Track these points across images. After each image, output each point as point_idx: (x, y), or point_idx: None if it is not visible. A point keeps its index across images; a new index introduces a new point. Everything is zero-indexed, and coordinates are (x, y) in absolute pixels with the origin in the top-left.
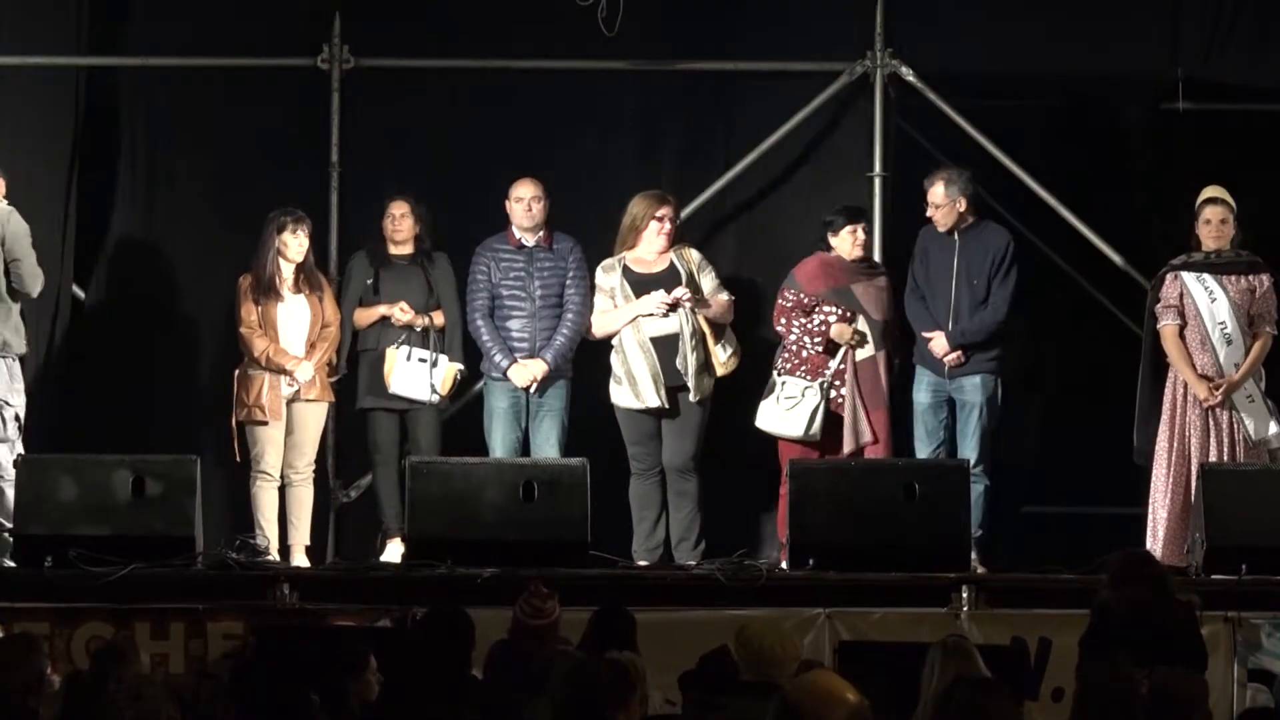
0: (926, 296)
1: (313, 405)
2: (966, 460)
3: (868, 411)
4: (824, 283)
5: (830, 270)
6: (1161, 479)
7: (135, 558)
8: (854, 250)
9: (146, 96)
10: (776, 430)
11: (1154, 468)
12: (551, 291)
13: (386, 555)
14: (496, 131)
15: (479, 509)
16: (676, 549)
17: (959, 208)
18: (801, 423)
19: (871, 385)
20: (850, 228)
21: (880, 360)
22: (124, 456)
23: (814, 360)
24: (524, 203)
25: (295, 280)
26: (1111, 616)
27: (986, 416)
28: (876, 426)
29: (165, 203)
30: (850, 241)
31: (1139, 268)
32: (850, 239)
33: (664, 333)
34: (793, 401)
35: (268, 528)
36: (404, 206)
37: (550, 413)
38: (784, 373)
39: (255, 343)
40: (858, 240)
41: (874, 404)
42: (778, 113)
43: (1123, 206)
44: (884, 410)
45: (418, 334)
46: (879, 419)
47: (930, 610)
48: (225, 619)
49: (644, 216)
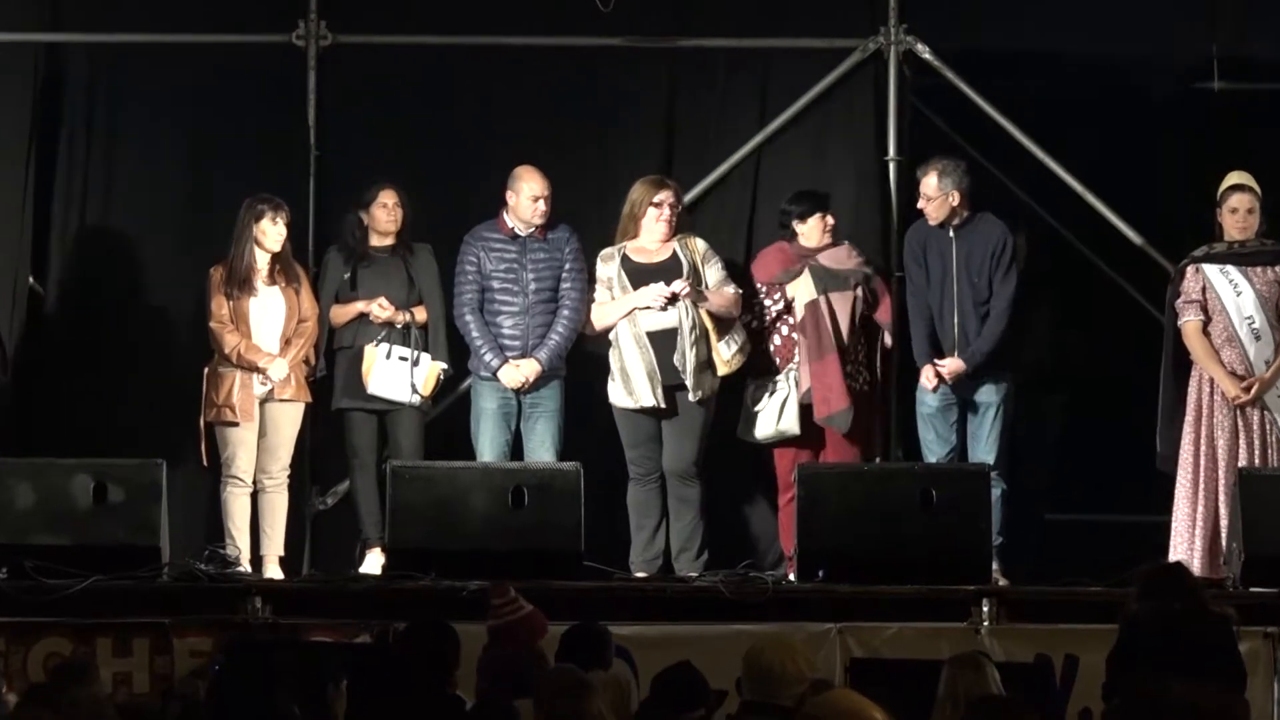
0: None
1: (287, 406)
2: (986, 464)
3: (811, 364)
4: (779, 266)
5: (786, 256)
6: (1188, 484)
7: (96, 569)
8: (822, 239)
9: (110, 75)
10: (755, 435)
11: (1179, 472)
12: (546, 285)
13: (366, 566)
14: (485, 114)
15: (465, 517)
16: (677, 560)
17: (952, 201)
18: (771, 419)
19: (815, 335)
20: (819, 215)
21: (829, 303)
22: (85, 460)
23: (780, 351)
24: (537, 200)
25: (271, 272)
26: (1141, 632)
27: (1003, 416)
28: (827, 378)
29: (130, 189)
30: (819, 229)
31: (1171, 258)
32: (819, 226)
33: (662, 327)
34: (768, 398)
35: (239, 537)
36: (394, 195)
37: (543, 414)
38: (758, 373)
39: (226, 338)
40: (827, 227)
41: (818, 353)
42: (784, 93)
43: (1152, 193)
44: (834, 356)
45: (398, 331)
46: (830, 371)
47: (948, 625)
48: (193, 635)
49: (642, 203)
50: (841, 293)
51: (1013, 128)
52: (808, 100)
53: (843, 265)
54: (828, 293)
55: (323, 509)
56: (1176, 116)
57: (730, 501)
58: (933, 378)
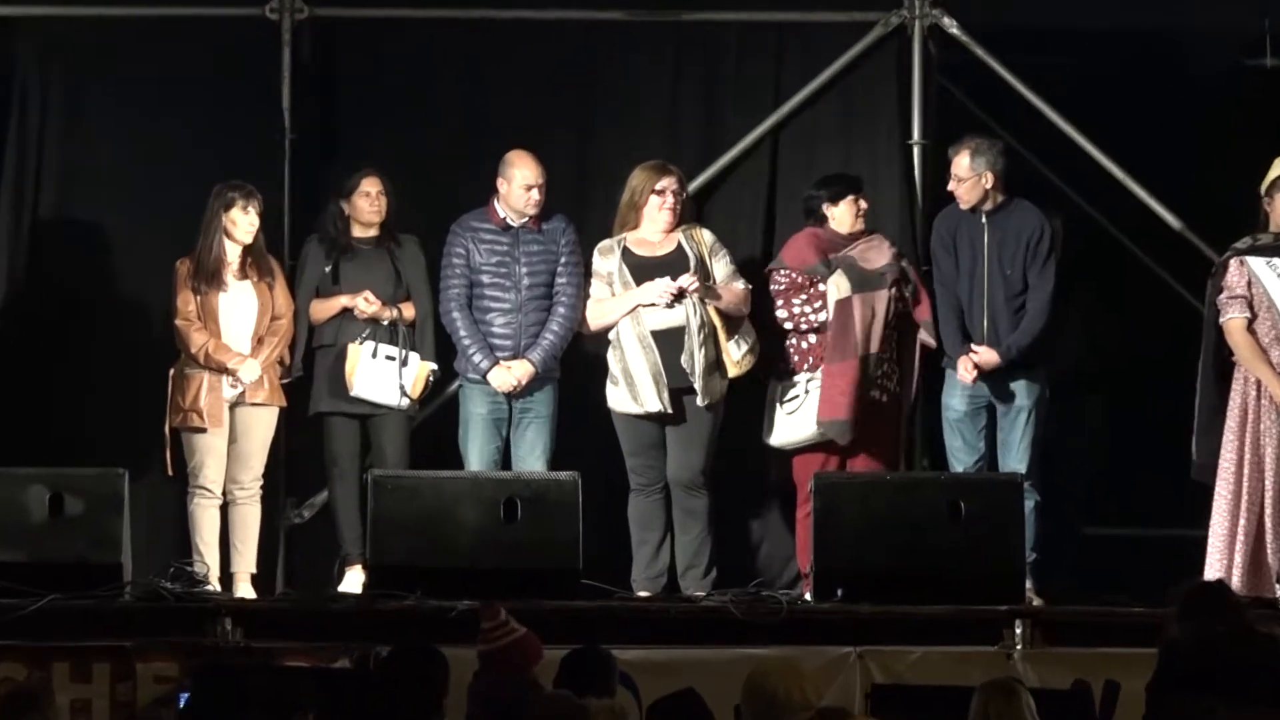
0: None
1: (260, 410)
2: (1018, 473)
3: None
4: (816, 256)
5: (821, 244)
6: (1228, 495)
7: (53, 587)
8: (855, 224)
9: (65, 53)
10: (786, 439)
11: (1219, 483)
12: (540, 280)
13: (345, 585)
14: (474, 95)
15: (452, 531)
16: (683, 578)
17: (985, 183)
18: (805, 421)
19: (840, 336)
20: (852, 197)
21: (861, 305)
22: (40, 470)
23: (815, 349)
24: (532, 189)
25: (242, 265)
26: (1181, 656)
27: (1035, 421)
28: (841, 383)
29: (89, 177)
30: (851, 213)
31: (1216, 247)
32: (851, 210)
33: (667, 326)
34: (795, 401)
35: (207, 552)
36: (378, 183)
37: (536, 419)
38: (785, 374)
39: (193, 337)
40: (860, 211)
41: (839, 355)
42: (799, 72)
43: (1196, 179)
44: (854, 364)
45: (384, 328)
46: (845, 377)
47: (978, 649)
48: (157, 659)
49: (643, 190)
50: (875, 292)
51: (1046, 108)
52: (825, 79)
53: (877, 262)
54: (859, 293)
55: (298, 522)
56: (1223, 96)
57: (740, 514)
58: (971, 368)
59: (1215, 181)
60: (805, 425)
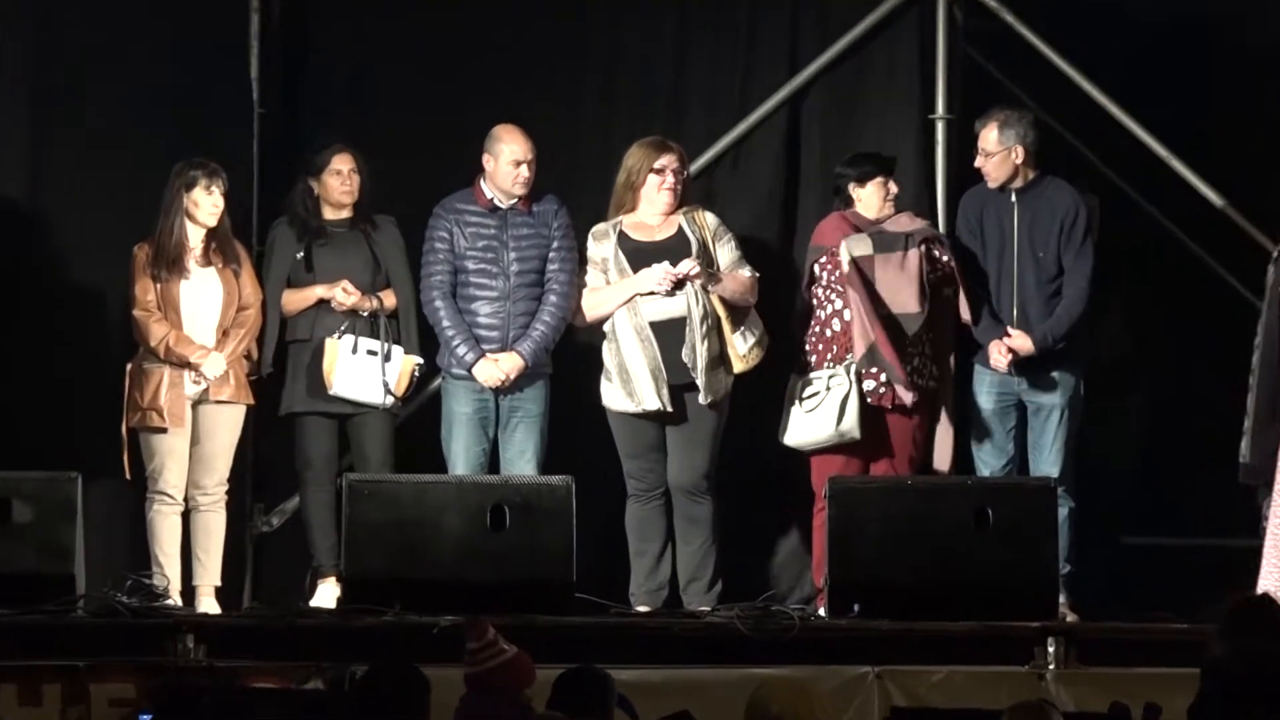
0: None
1: (225, 409)
2: (1051, 477)
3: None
4: (841, 236)
5: (847, 225)
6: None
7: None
8: (884, 208)
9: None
10: (803, 440)
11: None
12: (530, 266)
13: (318, 599)
14: (459, 64)
15: (435, 540)
16: (686, 591)
17: (1015, 158)
18: (830, 418)
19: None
20: (881, 179)
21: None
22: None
23: (840, 339)
24: (521, 165)
25: (206, 250)
26: (1225, 676)
27: (1069, 421)
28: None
29: (41, 154)
30: (880, 196)
31: (1270, 234)
32: (879, 193)
33: (668, 316)
34: (816, 398)
35: (167, 564)
36: (350, 160)
37: (526, 419)
38: (804, 369)
39: (152, 329)
40: (890, 194)
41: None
42: (812, 41)
43: (1248, 159)
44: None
45: (364, 320)
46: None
47: (1008, 669)
48: (113, 680)
49: (641, 169)
50: (903, 253)
51: (1083, 80)
52: (842, 48)
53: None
54: (882, 253)
55: (267, 531)
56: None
57: (747, 522)
58: (1005, 352)
59: (1268, 162)
60: (824, 425)
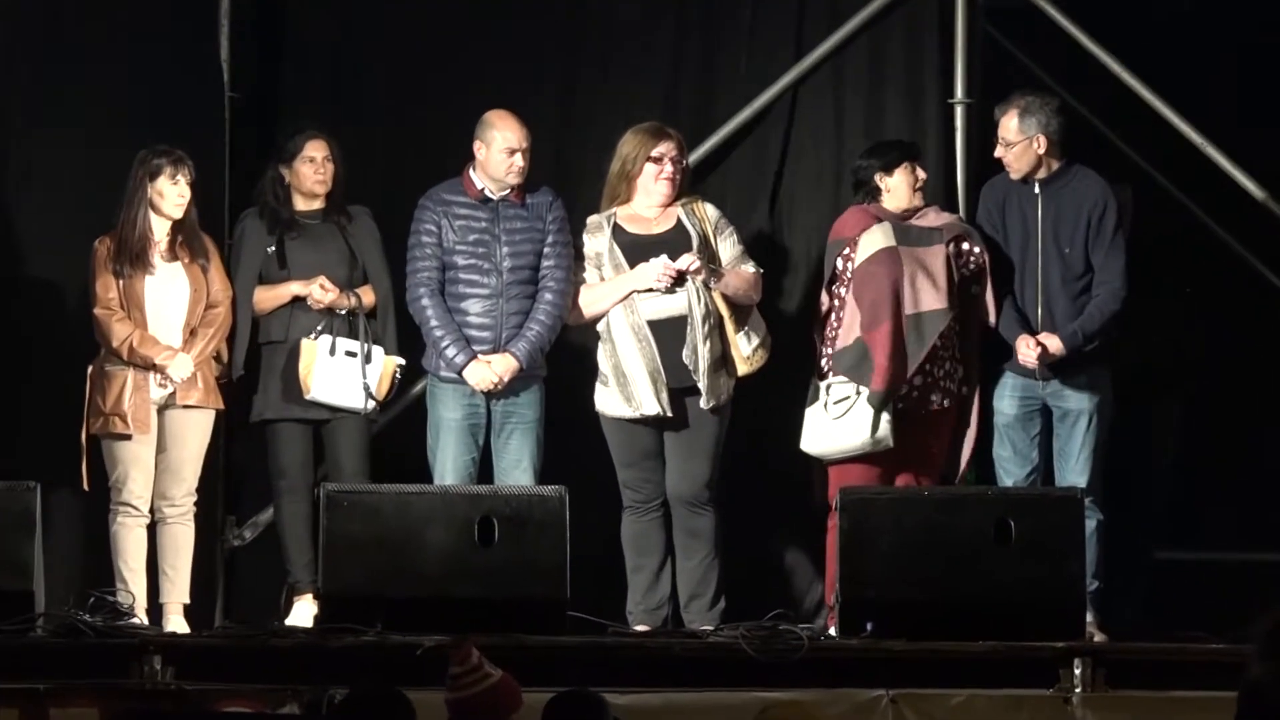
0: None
1: (194, 414)
2: (1078, 488)
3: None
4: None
5: (868, 219)
6: None
7: None
8: (912, 198)
9: None
10: (829, 449)
11: None
12: (524, 262)
13: (294, 617)
14: (446, 46)
15: (419, 555)
16: (687, 609)
17: (1037, 148)
18: (863, 428)
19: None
20: (908, 165)
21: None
22: None
23: None
24: (515, 154)
25: (172, 245)
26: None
27: (1098, 427)
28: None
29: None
30: (908, 184)
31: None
32: (907, 181)
33: (667, 314)
34: (845, 404)
35: (132, 580)
36: (324, 146)
37: (521, 425)
38: (832, 371)
39: (114, 328)
40: (919, 180)
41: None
42: (822, 21)
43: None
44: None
45: (341, 318)
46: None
47: (1031, 692)
48: (75, 703)
49: (637, 158)
50: (928, 248)
51: (1114, 63)
52: (854, 27)
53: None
54: (906, 245)
55: (239, 544)
56: None
57: (752, 535)
58: (1034, 345)
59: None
60: (856, 433)
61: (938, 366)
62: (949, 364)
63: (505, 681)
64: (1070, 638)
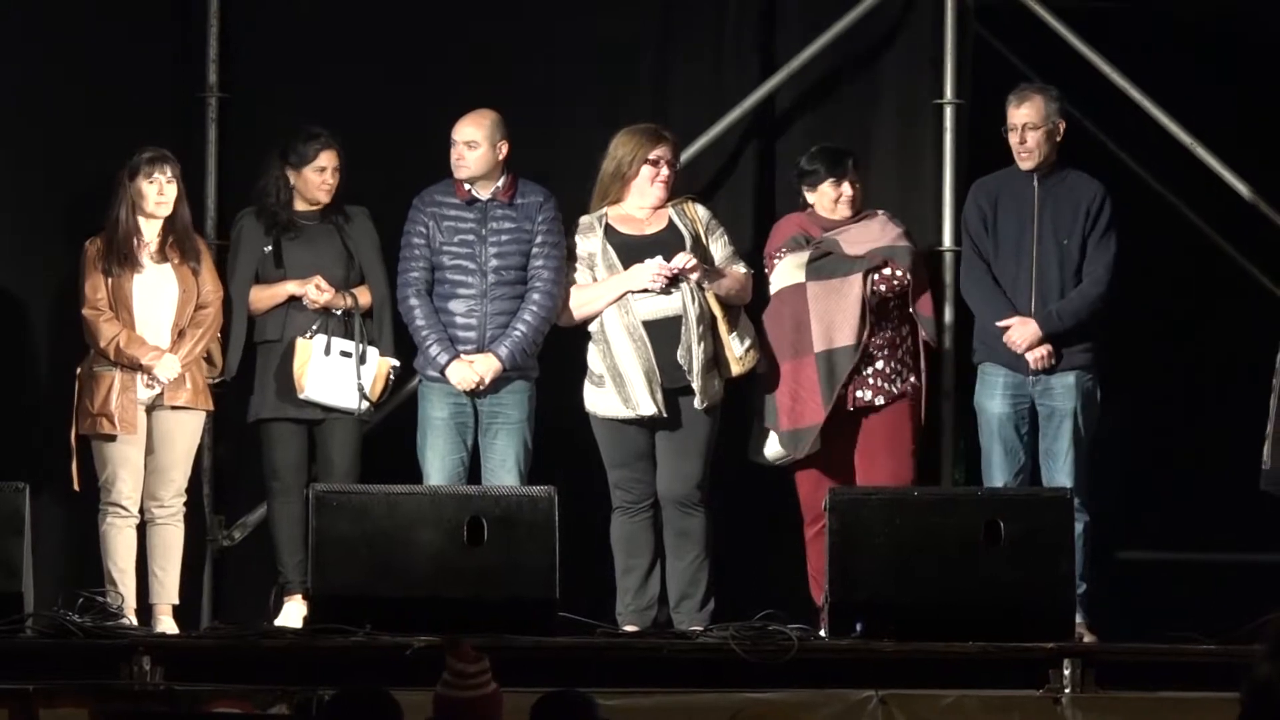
0: (994, 266)
1: (183, 414)
2: (1067, 489)
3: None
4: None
5: (801, 227)
6: None
7: None
8: (837, 210)
9: None
10: (766, 455)
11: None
12: (510, 263)
13: (283, 618)
14: (432, 45)
15: (408, 555)
16: (677, 609)
17: (1058, 136)
18: (774, 440)
19: (793, 327)
20: (831, 181)
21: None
22: None
23: None
24: (458, 145)
25: (161, 244)
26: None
27: (1083, 428)
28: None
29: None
30: (831, 199)
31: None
32: (830, 195)
33: (662, 315)
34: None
35: (122, 580)
36: (335, 158)
37: (507, 425)
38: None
39: (103, 328)
40: (842, 197)
41: (789, 349)
42: (811, 20)
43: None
44: (808, 360)
45: (337, 319)
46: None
47: (1021, 693)
48: (64, 704)
49: (632, 159)
50: (843, 279)
51: (1104, 63)
52: (843, 27)
53: (862, 245)
54: (816, 280)
55: (229, 545)
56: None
57: (742, 535)
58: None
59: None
60: (774, 443)
61: (848, 362)
62: (894, 363)
63: (498, 693)
64: (1060, 638)
